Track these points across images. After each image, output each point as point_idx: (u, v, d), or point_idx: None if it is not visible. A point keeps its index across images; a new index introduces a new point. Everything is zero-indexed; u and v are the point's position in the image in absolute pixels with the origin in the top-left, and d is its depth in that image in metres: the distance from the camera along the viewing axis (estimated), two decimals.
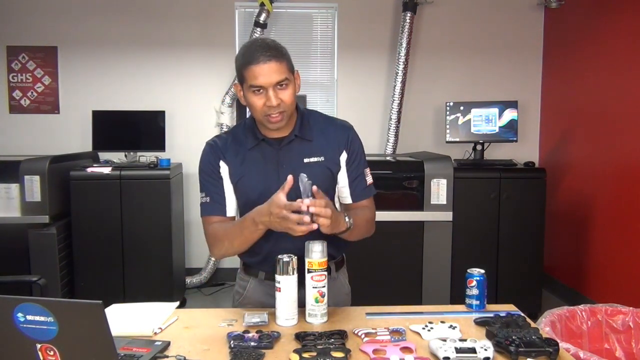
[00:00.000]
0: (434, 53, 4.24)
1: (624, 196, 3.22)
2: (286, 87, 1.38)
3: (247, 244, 1.44)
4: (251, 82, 1.36)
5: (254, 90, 1.37)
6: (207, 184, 1.51)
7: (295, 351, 1.19)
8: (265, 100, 1.37)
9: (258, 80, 1.35)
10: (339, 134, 1.52)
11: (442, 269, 3.25)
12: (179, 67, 4.18)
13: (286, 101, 1.39)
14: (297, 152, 1.48)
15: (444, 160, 3.30)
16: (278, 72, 1.36)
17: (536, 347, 1.17)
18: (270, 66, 1.35)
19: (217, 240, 1.47)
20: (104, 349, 0.93)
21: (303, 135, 1.49)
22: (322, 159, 1.48)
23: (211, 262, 4.14)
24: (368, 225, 1.55)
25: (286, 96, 1.38)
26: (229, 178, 1.50)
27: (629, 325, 1.85)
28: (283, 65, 1.37)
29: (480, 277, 1.50)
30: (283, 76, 1.37)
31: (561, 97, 4.03)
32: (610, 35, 3.40)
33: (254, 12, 4.02)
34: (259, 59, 1.34)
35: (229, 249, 1.47)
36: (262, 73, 1.35)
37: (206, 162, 1.51)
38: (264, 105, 1.38)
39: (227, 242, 1.45)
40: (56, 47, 4.11)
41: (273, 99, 1.36)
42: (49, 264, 3.21)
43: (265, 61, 1.34)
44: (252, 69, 1.35)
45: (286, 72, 1.38)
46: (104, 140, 3.79)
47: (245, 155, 1.49)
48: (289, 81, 1.39)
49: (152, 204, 3.42)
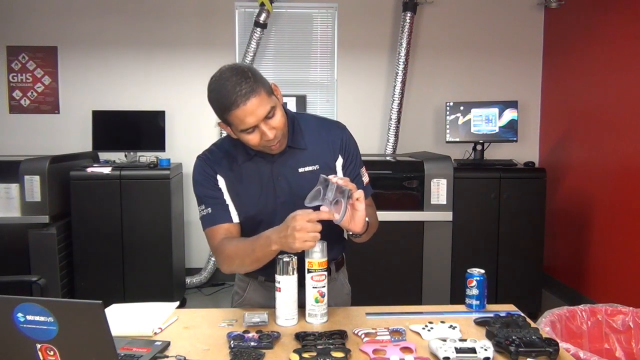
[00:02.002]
0: (434, 53, 4.24)
1: (624, 196, 3.22)
2: (274, 114, 1.32)
3: (259, 264, 1.38)
4: (241, 127, 1.30)
5: (246, 131, 1.32)
6: (205, 196, 1.46)
7: (295, 351, 1.19)
8: (261, 136, 1.32)
9: (246, 123, 1.29)
10: (332, 137, 1.49)
11: (442, 269, 3.25)
12: (179, 67, 4.17)
13: (279, 127, 1.34)
14: (291, 162, 1.45)
15: (444, 160, 3.30)
16: (262, 106, 1.29)
17: (536, 347, 1.17)
18: (252, 103, 1.27)
19: (227, 258, 1.42)
20: (104, 349, 0.93)
21: (296, 145, 1.45)
22: (316, 167, 1.45)
23: (211, 262, 4.14)
24: (374, 225, 1.54)
25: (277, 122, 1.33)
26: (227, 192, 1.46)
27: (629, 325, 1.85)
28: (263, 96, 1.29)
29: (480, 277, 1.50)
30: (268, 107, 1.30)
31: (561, 97, 4.03)
32: (610, 35, 3.40)
33: (254, 12, 4.02)
34: (237, 102, 1.26)
35: (239, 268, 1.44)
36: (246, 114, 1.28)
37: (202, 174, 1.46)
38: (261, 140, 1.34)
39: (238, 261, 1.40)
40: (56, 47, 4.11)
41: (269, 133, 1.31)
42: (49, 264, 3.21)
43: (245, 101, 1.26)
44: (235, 114, 1.28)
45: (268, 101, 1.30)
46: (104, 140, 3.79)
47: (241, 171, 1.46)
48: (274, 108, 1.32)
49: (152, 204, 3.42)
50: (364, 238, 1.44)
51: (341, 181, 1.26)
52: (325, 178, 1.27)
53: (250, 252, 1.36)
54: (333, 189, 1.25)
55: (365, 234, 1.42)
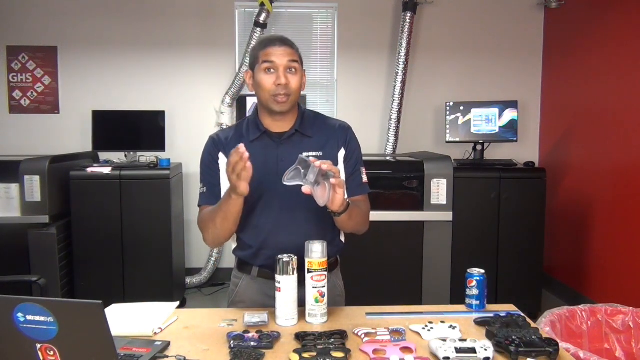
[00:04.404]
0: (434, 53, 4.24)
1: (624, 196, 3.22)
2: (295, 74, 1.47)
3: (228, 220, 1.43)
4: (264, 58, 1.45)
5: (266, 69, 1.45)
6: (205, 175, 1.56)
7: (295, 351, 1.19)
8: (275, 79, 1.44)
9: (271, 57, 1.45)
10: (337, 133, 1.58)
11: (442, 269, 3.25)
12: (179, 67, 4.18)
13: (293, 86, 1.46)
14: (297, 146, 1.51)
15: (444, 160, 3.30)
16: (290, 55, 1.46)
17: (536, 347, 1.17)
18: (285, 49, 1.46)
19: (204, 224, 1.50)
20: (104, 349, 0.93)
21: (303, 131, 1.54)
22: (320, 154, 1.51)
23: (211, 262, 4.14)
24: (365, 217, 1.56)
25: (294, 81, 1.46)
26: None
27: (629, 325, 1.85)
28: (295, 54, 1.48)
29: (480, 277, 1.50)
30: (293, 63, 1.47)
31: (561, 97, 4.03)
32: (610, 35, 3.40)
33: (254, 12, 4.02)
34: (275, 43, 1.46)
35: (214, 229, 1.47)
36: (275, 53, 1.45)
37: (206, 154, 1.57)
38: (273, 84, 1.44)
39: (212, 223, 1.46)
40: (56, 47, 4.11)
41: (282, 77, 1.44)
42: (49, 264, 3.21)
43: (281, 45, 1.46)
44: (267, 49, 1.46)
45: (296, 60, 1.48)
46: (104, 140, 3.79)
47: (247, 147, 1.49)
48: (297, 69, 1.48)
49: (152, 204, 3.42)
50: (344, 219, 1.42)
51: (325, 165, 1.28)
52: (304, 159, 1.29)
53: (217, 210, 1.44)
54: (315, 171, 1.27)
55: (345, 216, 1.40)
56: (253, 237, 1.51)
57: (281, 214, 1.50)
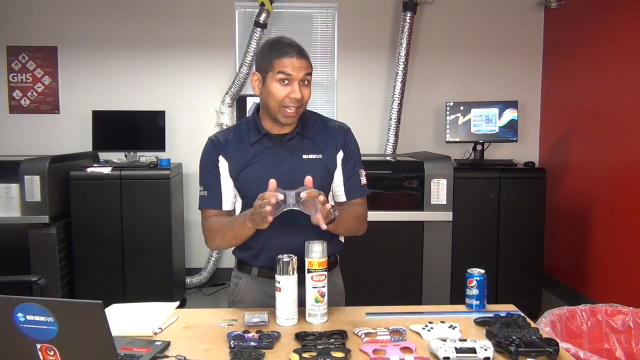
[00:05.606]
0: (434, 53, 4.24)
1: (624, 196, 3.22)
2: (308, 86, 1.48)
3: (238, 240, 1.51)
4: (280, 69, 1.43)
5: (280, 80, 1.44)
6: (205, 178, 1.56)
7: (295, 351, 1.19)
8: (290, 92, 1.44)
9: (287, 69, 1.43)
10: (337, 135, 1.58)
11: (442, 269, 3.25)
12: (179, 67, 4.17)
13: (305, 98, 1.47)
14: (297, 148, 1.52)
15: (444, 160, 3.30)
16: (307, 69, 1.46)
17: (536, 347, 1.17)
18: (302, 62, 1.44)
19: (212, 233, 1.54)
20: (104, 349, 0.93)
21: (304, 133, 1.54)
22: (320, 157, 1.52)
23: (211, 262, 4.14)
24: (357, 221, 1.56)
25: (306, 94, 1.47)
26: (227, 173, 1.54)
27: (629, 325, 1.85)
28: (310, 67, 1.48)
29: (480, 277, 1.50)
30: (307, 75, 1.47)
31: (561, 97, 4.03)
32: (610, 35, 3.40)
33: (254, 12, 4.02)
34: (292, 54, 1.44)
35: (221, 243, 1.54)
36: (292, 65, 1.43)
37: (206, 157, 1.56)
38: (286, 97, 1.44)
39: (220, 237, 1.52)
40: (56, 47, 4.11)
41: (298, 92, 1.44)
42: (49, 264, 3.21)
43: (298, 57, 1.44)
44: (283, 60, 1.43)
45: (309, 73, 1.48)
46: (104, 140, 3.79)
47: (247, 150, 1.53)
48: (310, 81, 1.49)
49: (152, 204, 3.42)
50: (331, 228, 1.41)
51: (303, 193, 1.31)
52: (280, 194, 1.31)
53: (230, 229, 1.48)
54: (292, 194, 1.31)
55: (332, 225, 1.39)
56: (253, 238, 1.50)
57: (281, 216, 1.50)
